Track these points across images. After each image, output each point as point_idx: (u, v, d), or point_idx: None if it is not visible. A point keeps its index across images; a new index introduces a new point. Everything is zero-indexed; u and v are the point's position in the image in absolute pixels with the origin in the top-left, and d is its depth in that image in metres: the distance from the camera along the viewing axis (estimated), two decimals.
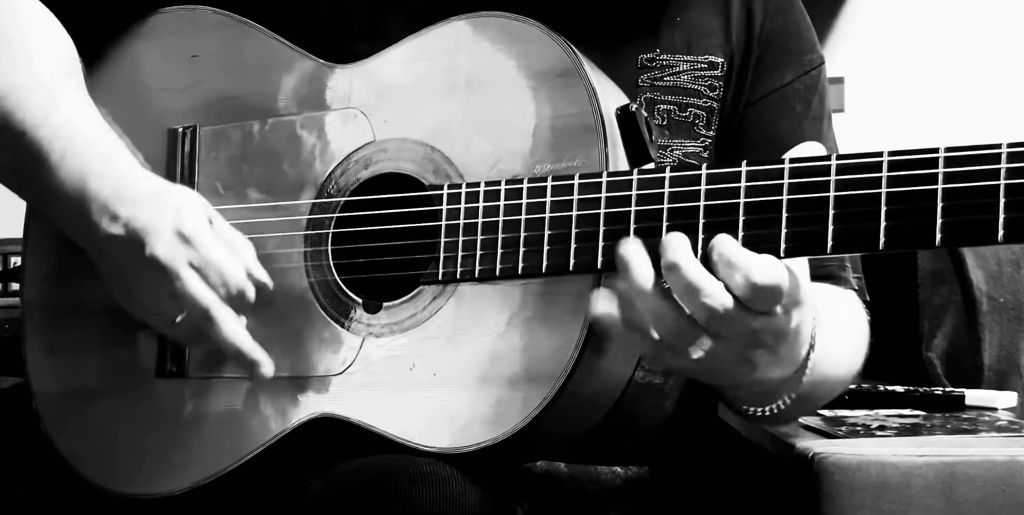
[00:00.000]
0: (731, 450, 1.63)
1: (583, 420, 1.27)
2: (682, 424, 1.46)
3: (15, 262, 2.44)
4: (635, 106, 1.25)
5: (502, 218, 1.22)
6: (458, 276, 1.24)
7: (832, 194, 1.08)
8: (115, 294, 1.33)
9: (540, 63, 1.26)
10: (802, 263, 1.13)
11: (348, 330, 1.30)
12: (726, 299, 1.09)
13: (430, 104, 1.30)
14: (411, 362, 1.26)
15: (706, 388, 1.39)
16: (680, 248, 1.10)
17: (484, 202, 1.23)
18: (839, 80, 2.81)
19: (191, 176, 1.40)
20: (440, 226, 1.25)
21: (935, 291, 2.15)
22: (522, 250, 1.21)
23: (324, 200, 1.33)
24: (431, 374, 1.25)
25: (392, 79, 1.33)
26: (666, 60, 1.40)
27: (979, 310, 2.11)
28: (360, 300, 1.30)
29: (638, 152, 1.24)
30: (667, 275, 1.10)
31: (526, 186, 1.21)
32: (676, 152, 1.40)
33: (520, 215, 1.21)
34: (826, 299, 1.27)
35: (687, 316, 1.10)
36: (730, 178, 1.12)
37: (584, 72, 1.24)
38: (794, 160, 1.11)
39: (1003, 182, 1.02)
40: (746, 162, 1.12)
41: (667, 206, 1.14)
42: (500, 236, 1.22)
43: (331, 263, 1.32)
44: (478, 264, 1.23)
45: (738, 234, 1.11)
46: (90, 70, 1.45)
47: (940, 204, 1.04)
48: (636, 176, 1.17)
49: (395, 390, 1.26)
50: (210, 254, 1.26)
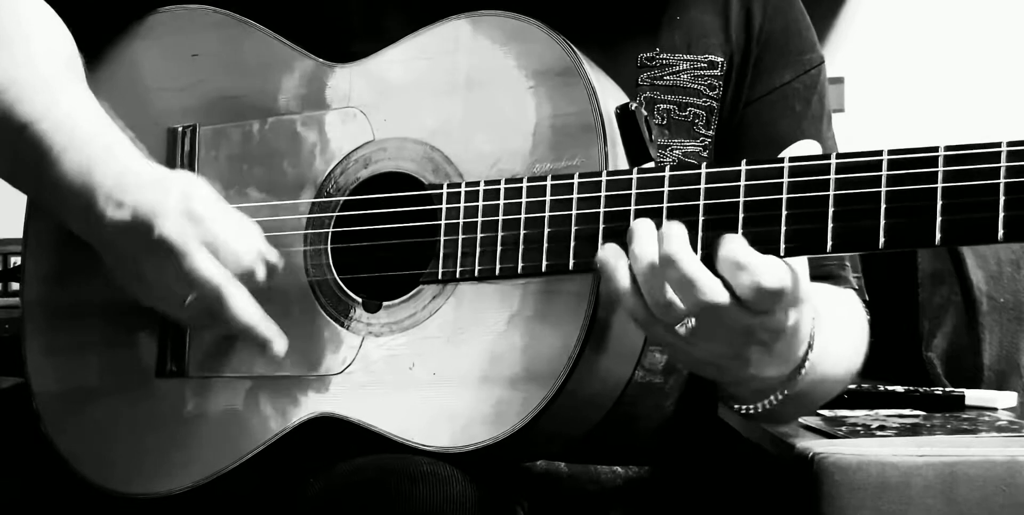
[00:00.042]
0: (731, 450, 1.63)
1: (583, 420, 1.27)
2: (682, 424, 1.46)
3: (15, 262, 2.44)
4: (635, 105, 1.25)
5: (502, 217, 1.22)
6: (458, 275, 1.24)
7: (832, 193, 1.08)
8: (122, 283, 1.32)
9: (540, 62, 1.26)
10: (802, 262, 1.13)
11: (348, 329, 1.30)
12: (723, 297, 1.09)
13: (430, 103, 1.30)
14: (411, 361, 1.26)
15: (706, 387, 1.39)
16: (678, 240, 1.10)
17: (484, 201, 1.23)
18: (839, 80, 2.81)
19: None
20: (440, 225, 1.25)
21: (935, 291, 2.15)
22: (522, 249, 1.21)
23: (324, 199, 1.33)
24: (431, 373, 1.25)
25: (392, 78, 1.33)
26: (666, 59, 1.40)
27: (979, 310, 2.10)
28: (360, 299, 1.30)
29: (638, 151, 1.24)
30: (663, 266, 1.10)
31: (526, 185, 1.21)
32: (676, 151, 1.40)
33: (520, 214, 1.21)
34: (826, 298, 1.27)
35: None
36: (730, 177, 1.12)
37: (584, 71, 1.24)
38: (794, 159, 1.11)
39: (1003, 181, 1.02)
40: (745, 161, 1.12)
41: (667, 205, 1.14)
42: (500, 235, 1.22)
43: (331, 262, 1.32)
44: (478, 263, 1.23)
45: (738, 233, 1.11)
46: (90, 69, 1.45)
47: (940, 203, 1.04)
48: (636, 175, 1.17)
49: (395, 389, 1.26)
50: (219, 232, 1.25)
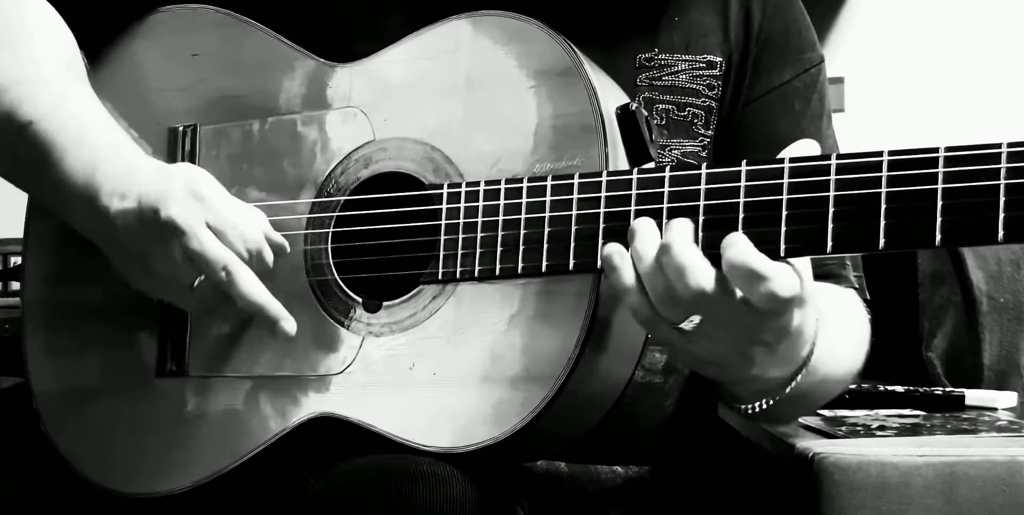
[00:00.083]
0: (731, 450, 1.63)
1: (583, 420, 1.27)
2: (682, 424, 1.46)
3: (15, 262, 2.44)
4: (635, 105, 1.25)
5: (502, 217, 1.22)
6: (458, 275, 1.24)
7: (832, 194, 1.08)
8: (127, 273, 1.31)
9: (540, 62, 1.26)
10: (804, 262, 1.13)
11: (348, 329, 1.30)
12: (708, 282, 1.09)
13: (430, 103, 1.30)
14: (411, 361, 1.26)
15: (706, 387, 1.39)
16: (676, 231, 1.11)
17: (484, 201, 1.23)
18: (839, 80, 2.81)
19: None
20: (440, 225, 1.25)
21: (935, 291, 2.15)
22: (522, 249, 1.21)
23: (324, 199, 1.33)
24: (431, 373, 1.25)
25: (392, 78, 1.33)
26: (664, 60, 1.40)
27: (979, 310, 2.10)
28: (360, 299, 1.30)
29: (638, 151, 1.24)
30: (660, 255, 1.11)
31: (526, 185, 1.21)
32: (675, 151, 1.40)
33: (520, 214, 1.21)
34: (828, 298, 1.27)
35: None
36: (730, 177, 1.12)
37: (584, 71, 1.24)
38: (794, 159, 1.11)
39: (1003, 182, 1.02)
40: (746, 161, 1.12)
41: (667, 205, 1.14)
42: (500, 235, 1.22)
43: (331, 262, 1.32)
44: (478, 263, 1.23)
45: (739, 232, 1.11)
46: (91, 69, 1.45)
47: (940, 204, 1.04)
48: (636, 175, 1.17)
49: (395, 390, 1.26)
50: (226, 212, 1.25)
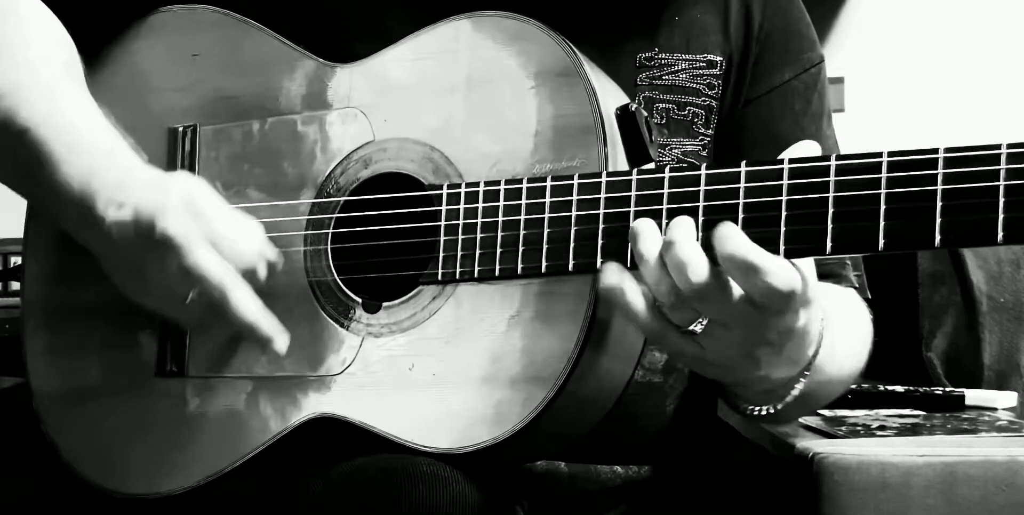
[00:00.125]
0: (731, 450, 1.63)
1: (583, 420, 1.27)
2: (682, 424, 1.46)
3: (15, 262, 2.44)
4: (635, 106, 1.25)
5: (501, 218, 1.22)
6: (457, 276, 1.24)
7: (832, 194, 1.08)
8: (121, 285, 1.32)
9: (540, 63, 1.25)
10: (808, 262, 1.13)
11: (348, 330, 1.30)
12: (707, 278, 1.09)
13: (430, 104, 1.30)
14: (410, 362, 1.26)
15: (707, 387, 1.39)
16: (680, 228, 1.11)
17: (483, 202, 1.23)
18: (839, 80, 2.81)
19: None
20: (439, 226, 1.25)
21: (935, 291, 2.15)
22: (521, 250, 1.21)
23: (324, 200, 1.33)
24: (430, 374, 1.25)
25: (392, 78, 1.33)
26: (665, 59, 1.40)
27: (979, 310, 2.10)
28: (360, 300, 1.30)
29: (638, 152, 1.24)
30: (663, 251, 1.11)
31: (525, 186, 1.21)
32: (675, 150, 1.40)
33: (519, 215, 1.21)
34: (830, 298, 1.27)
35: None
36: (729, 178, 1.12)
37: (584, 72, 1.24)
38: (793, 160, 1.11)
39: (1003, 183, 1.02)
40: (745, 162, 1.12)
41: (666, 206, 1.14)
42: (499, 236, 1.22)
43: (331, 263, 1.32)
44: (477, 264, 1.23)
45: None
46: (90, 70, 1.45)
47: (939, 204, 1.04)
48: (635, 176, 1.16)
49: (394, 390, 1.26)
50: (221, 228, 1.26)
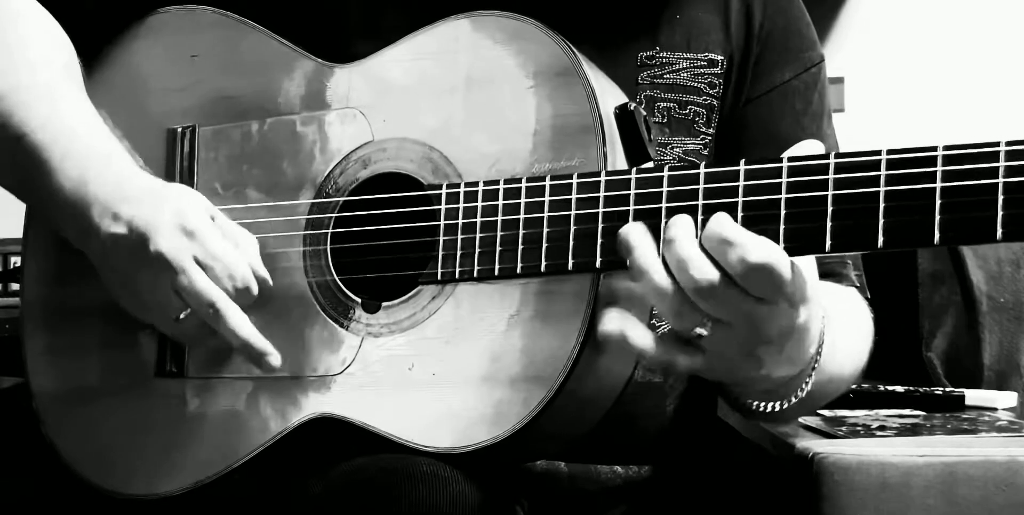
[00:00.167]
0: (731, 450, 1.63)
1: (583, 419, 1.27)
2: (682, 424, 1.46)
3: (15, 262, 2.45)
4: (633, 105, 1.25)
5: (501, 217, 1.22)
6: (457, 276, 1.24)
7: (831, 193, 1.08)
8: (117, 296, 1.33)
9: (539, 62, 1.25)
10: (809, 261, 1.13)
11: (347, 330, 1.30)
12: (712, 273, 1.08)
13: (429, 104, 1.30)
14: (410, 362, 1.26)
15: (707, 387, 1.39)
16: (680, 226, 1.11)
17: (483, 201, 1.23)
18: (839, 80, 2.81)
19: (190, 176, 1.40)
20: (439, 226, 1.25)
21: (935, 291, 2.15)
22: (521, 249, 1.21)
23: (323, 200, 1.33)
24: (430, 374, 1.25)
25: (391, 79, 1.33)
26: (666, 58, 1.40)
27: (979, 310, 2.10)
28: (359, 300, 1.30)
29: (637, 151, 1.24)
30: (664, 249, 1.10)
31: (524, 185, 1.21)
32: (676, 150, 1.40)
33: (519, 214, 1.21)
34: (831, 297, 1.27)
35: (683, 293, 1.10)
36: (728, 177, 1.12)
37: (583, 71, 1.24)
38: (792, 159, 1.11)
39: (1001, 180, 1.02)
40: (744, 161, 1.12)
41: (665, 205, 1.14)
42: (499, 235, 1.22)
43: (330, 263, 1.32)
44: (477, 264, 1.23)
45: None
46: (89, 71, 1.45)
47: (938, 202, 1.04)
48: (634, 175, 1.16)
49: (394, 390, 1.26)
50: (214, 248, 1.26)
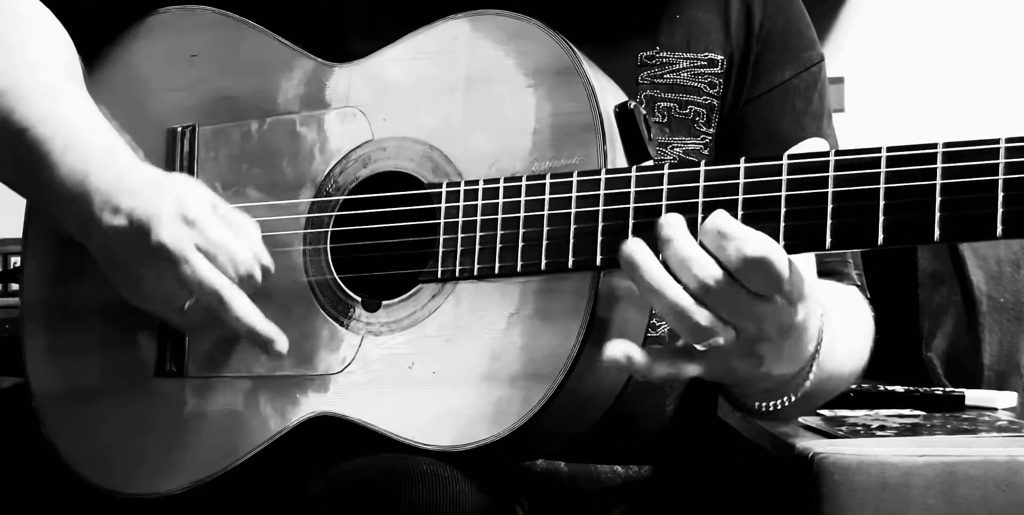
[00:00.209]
0: (731, 450, 1.62)
1: (583, 418, 1.27)
2: (682, 424, 1.46)
3: (15, 262, 2.45)
4: (633, 104, 1.25)
5: (501, 216, 1.22)
6: (457, 274, 1.24)
7: (831, 190, 1.08)
8: (120, 288, 1.32)
9: (539, 61, 1.26)
10: (808, 259, 1.13)
11: (347, 329, 1.30)
12: (716, 271, 1.09)
13: (429, 103, 1.30)
14: (410, 361, 1.26)
15: (707, 386, 1.39)
16: (675, 224, 1.10)
17: (483, 200, 1.23)
18: (839, 80, 2.81)
19: (190, 175, 1.40)
20: (439, 224, 1.25)
21: (935, 291, 2.15)
22: (521, 248, 1.21)
23: (323, 199, 1.33)
24: (430, 372, 1.25)
25: (391, 78, 1.33)
26: (666, 57, 1.40)
27: (979, 310, 2.11)
28: (359, 299, 1.30)
29: (637, 149, 1.24)
30: (663, 250, 1.10)
31: (525, 184, 1.21)
32: (676, 149, 1.40)
33: (519, 213, 1.21)
34: (831, 296, 1.27)
35: (684, 294, 1.10)
36: (728, 175, 1.12)
37: (583, 70, 1.24)
38: (792, 156, 1.11)
39: (1001, 177, 1.02)
40: (744, 159, 1.12)
41: (665, 203, 1.14)
42: (499, 234, 1.22)
43: (330, 262, 1.32)
44: (477, 262, 1.23)
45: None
46: (89, 70, 1.45)
47: (938, 199, 1.04)
48: (634, 173, 1.17)
49: (394, 389, 1.26)
50: (216, 236, 1.26)
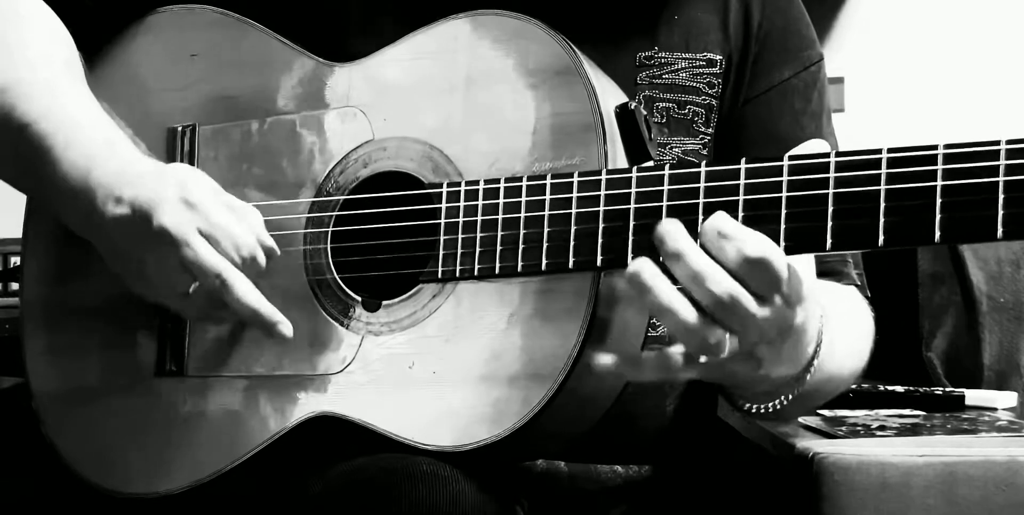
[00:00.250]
0: (731, 450, 1.62)
1: (583, 418, 1.27)
2: (682, 424, 1.46)
3: (15, 262, 2.44)
4: (634, 104, 1.25)
5: (501, 216, 1.22)
6: (457, 274, 1.24)
7: (831, 191, 1.08)
8: (124, 278, 1.32)
9: (539, 61, 1.26)
10: (806, 261, 1.13)
11: (347, 329, 1.30)
12: (730, 285, 1.07)
13: (429, 103, 1.30)
14: (410, 361, 1.26)
15: (707, 386, 1.39)
16: (680, 236, 1.09)
17: (483, 200, 1.23)
18: (839, 80, 2.81)
19: None
20: (439, 224, 1.25)
21: (935, 291, 2.15)
22: (521, 248, 1.21)
23: (323, 199, 1.33)
24: (430, 372, 1.25)
25: (391, 78, 1.33)
26: (664, 58, 1.40)
27: (979, 310, 2.10)
28: (359, 298, 1.30)
29: (637, 150, 1.24)
30: (671, 265, 1.08)
31: (525, 184, 1.21)
32: (675, 149, 1.40)
33: (519, 213, 1.21)
34: (831, 296, 1.27)
35: (703, 317, 1.09)
36: (729, 175, 1.12)
37: (583, 70, 1.24)
38: (793, 157, 1.11)
39: (1002, 179, 1.02)
40: (745, 159, 1.12)
41: (666, 204, 1.14)
42: (499, 234, 1.22)
43: (330, 261, 1.32)
44: (477, 262, 1.23)
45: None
46: (90, 69, 1.45)
47: (939, 201, 1.04)
48: (635, 174, 1.17)
49: (394, 389, 1.26)
50: (218, 219, 1.25)
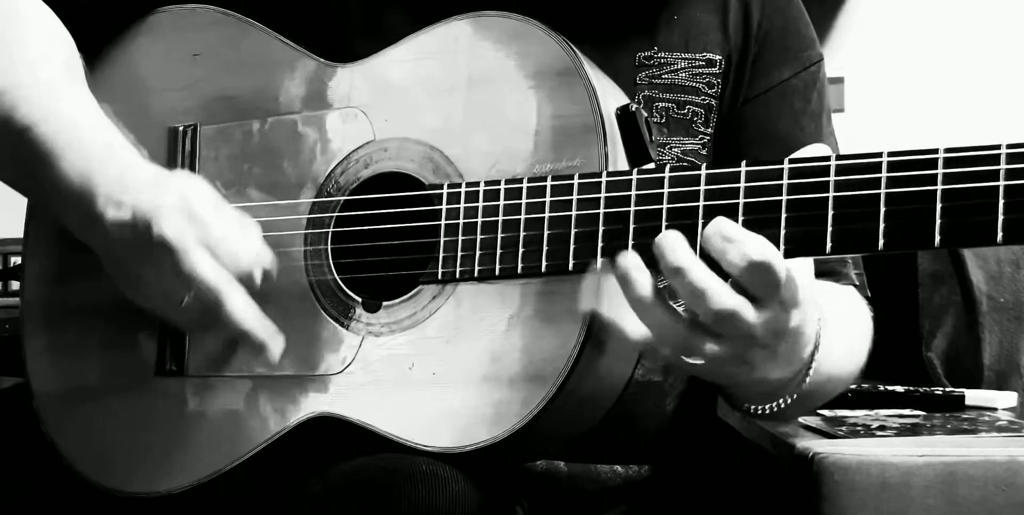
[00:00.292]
0: (731, 450, 1.63)
1: (583, 419, 1.27)
2: (682, 423, 1.46)
3: (15, 262, 2.44)
4: (635, 106, 1.25)
5: (501, 218, 1.22)
6: (457, 276, 1.24)
7: (831, 195, 1.08)
8: (120, 284, 1.32)
9: (540, 62, 1.26)
10: (805, 264, 1.13)
11: (348, 329, 1.30)
12: (734, 301, 1.08)
13: (430, 103, 1.30)
14: (410, 361, 1.26)
15: (706, 387, 1.39)
16: (681, 250, 1.08)
17: (484, 201, 1.23)
18: (839, 80, 2.81)
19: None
20: (440, 225, 1.25)
21: (935, 291, 2.15)
22: (521, 250, 1.21)
23: (324, 199, 1.33)
24: (430, 373, 1.25)
25: (392, 78, 1.33)
26: (664, 58, 1.40)
27: (979, 310, 2.10)
28: (360, 299, 1.30)
29: (638, 152, 1.24)
30: (671, 279, 1.08)
31: (525, 186, 1.21)
32: (675, 149, 1.40)
33: (519, 215, 1.21)
34: (828, 297, 1.27)
35: (687, 321, 1.10)
36: (730, 178, 1.12)
37: (584, 72, 1.24)
38: (793, 160, 1.11)
39: (1002, 183, 1.02)
40: (746, 162, 1.12)
41: (666, 206, 1.14)
42: (499, 236, 1.22)
43: (331, 262, 1.32)
44: (477, 264, 1.23)
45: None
46: (91, 69, 1.45)
47: (939, 205, 1.04)
48: (636, 176, 1.16)
49: (394, 389, 1.26)
50: (218, 232, 1.25)
